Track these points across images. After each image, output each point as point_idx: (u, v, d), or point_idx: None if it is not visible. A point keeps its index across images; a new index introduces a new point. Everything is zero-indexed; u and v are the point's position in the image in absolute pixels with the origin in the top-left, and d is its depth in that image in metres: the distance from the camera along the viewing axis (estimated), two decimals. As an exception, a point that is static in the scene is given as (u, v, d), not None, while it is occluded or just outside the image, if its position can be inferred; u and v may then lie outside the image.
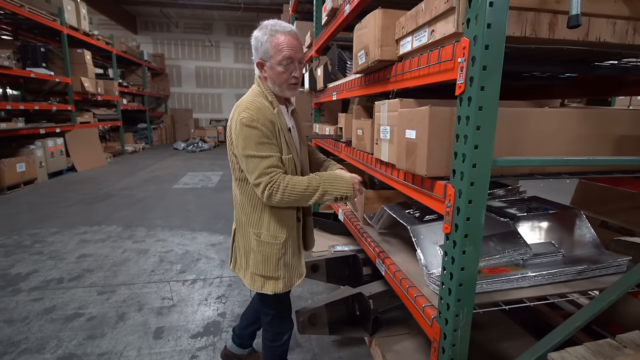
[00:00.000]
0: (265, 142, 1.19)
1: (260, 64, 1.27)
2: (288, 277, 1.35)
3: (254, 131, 1.18)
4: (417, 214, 1.51)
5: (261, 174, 1.18)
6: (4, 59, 5.61)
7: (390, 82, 1.39)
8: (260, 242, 1.30)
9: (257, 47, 1.25)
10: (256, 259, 1.31)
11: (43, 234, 3.76)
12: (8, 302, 2.46)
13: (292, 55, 1.22)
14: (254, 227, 1.31)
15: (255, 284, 1.34)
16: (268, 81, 1.28)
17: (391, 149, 1.32)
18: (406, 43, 1.24)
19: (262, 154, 1.18)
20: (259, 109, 1.21)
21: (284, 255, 1.32)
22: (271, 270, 1.31)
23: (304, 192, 1.20)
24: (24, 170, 5.90)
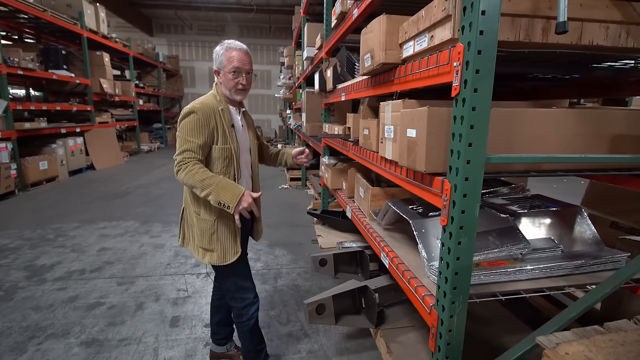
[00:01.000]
0: (195, 129, 1.44)
1: (216, 72, 1.56)
2: (222, 251, 1.55)
3: (191, 118, 1.44)
4: (419, 210, 1.58)
5: (179, 152, 1.44)
6: (28, 62, 5.87)
7: (394, 84, 1.47)
8: (198, 219, 1.54)
9: (216, 58, 1.54)
10: (196, 233, 1.55)
11: (65, 228, 3.95)
12: (35, 290, 2.62)
13: (239, 66, 1.51)
14: (195, 206, 1.55)
15: (198, 254, 1.58)
16: (222, 86, 1.56)
17: (394, 147, 1.40)
18: (408, 47, 1.31)
19: (188, 137, 1.44)
20: (202, 103, 1.48)
21: (215, 231, 1.53)
22: (206, 243, 1.54)
23: (199, 182, 1.41)
24: (47, 168, 6.16)
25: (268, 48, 14.51)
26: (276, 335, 2.13)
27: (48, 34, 8.13)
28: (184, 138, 1.44)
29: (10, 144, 5.39)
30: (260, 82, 14.88)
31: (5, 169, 5.19)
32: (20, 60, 5.68)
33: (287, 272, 2.95)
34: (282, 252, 3.36)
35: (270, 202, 5.22)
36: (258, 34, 14.38)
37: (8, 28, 7.49)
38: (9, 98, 5.53)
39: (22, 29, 7.63)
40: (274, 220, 4.33)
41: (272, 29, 14.04)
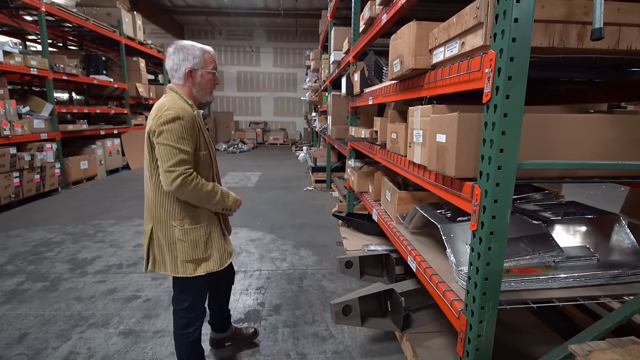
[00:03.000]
0: (185, 137, 1.37)
1: (192, 71, 1.48)
2: (219, 255, 1.52)
3: (177, 125, 1.35)
4: (448, 214, 1.58)
5: (176, 163, 1.34)
6: (72, 68, 6.28)
7: (423, 89, 1.48)
8: (185, 231, 1.44)
9: (188, 57, 1.46)
10: (184, 246, 1.45)
11: (104, 224, 4.19)
12: (77, 282, 2.81)
13: (216, 66, 1.54)
14: (175, 219, 1.45)
15: (187, 269, 1.47)
16: (193, 88, 1.50)
17: (423, 151, 1.41)
18: (439, 53, 1.32)
19: (181, 147, 1.35)
20: (182, 108, 1.40)
21: (209, 236, 1.49)
22: (201, 252, 1.47)
23: (207, 194, 1.42)
24: (87, 167, 6.55)
25: (294, 51, 14.73)
26: (302, 334, 2.17)
27: (89, 41, 8.65)
28: (174, 147, 1.34)
29: (55, 145, 5.78)
30: (286, 84, 15.11)
31: (50, 167, 5.57)
32: (65, 67, 6.09)
33: (313, 272, 3.00)
34: (308, 253, 3.42)
35: (295, 203, 5.30)
36: (285, 37, 14.63)
37: (54, 36, 8.04)
38: (54, 102, 5.93)
39: (67, 37, 8.17)
40: (300, 222, 4.39)
41: (298, 33, 14.23)
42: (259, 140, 14.34)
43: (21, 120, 5.21)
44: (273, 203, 5.30)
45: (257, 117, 15.32)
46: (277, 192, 6.06)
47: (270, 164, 9.38)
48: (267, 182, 6.86)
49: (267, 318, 2.34)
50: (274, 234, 3.96)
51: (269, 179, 7.12)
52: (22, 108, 5.41)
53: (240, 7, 12.10)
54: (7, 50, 4.88)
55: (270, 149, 13.10)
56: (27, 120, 5.31)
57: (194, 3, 12.03)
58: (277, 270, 3.05)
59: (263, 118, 15.34)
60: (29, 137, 5.29)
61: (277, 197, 5.67)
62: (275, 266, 3.11)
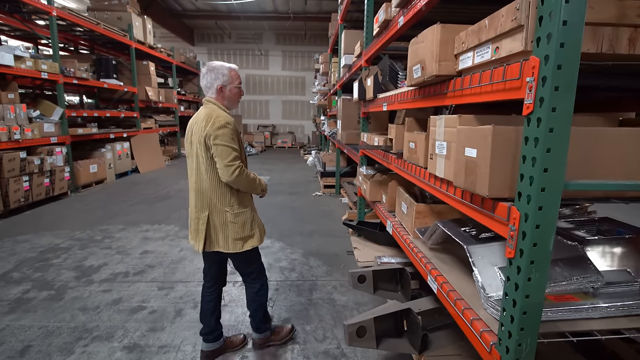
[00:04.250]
0: (234, 138, 1.74)
1: (222, 88, 1.82)
2: (260, 233, 1.93)
3: (228, 130, 1.71)
4: (472, 232, 1.46)
5: (233, 159, 1.71)
6: (83, 72, 6.30)
7: (447, 97, 1.37)
8: (235, 214, 1.82)
9: (219, 77, 1.80)
10: (235, 227, 1.82)
11: (111, 230, 4.15)
12: (83, 291, 2.75)
13: (241, 81, 1.89)
14: (227, 205, 1.81)
15: (236, 246, 1.83)
16: (224, 100, 1.85)
17: (448, 165, 1.30)
18: (466, 58, 1.21)
19: (233, 146, 1.72)
20: (226, 116, 1.76)
21: (252, 217, 1.90)
22: (247, 230, 1.85)
23: (253, 180, 1.84)
24: (96, 171, 6.56)
25: (303, 55, 14.69)
26: (312, 352, 2.07)
27: (100, 45, 8.71)
28: (229, 146, 1.70)
29: (65, 149, 5.79)
30: (294, 88, 15.08)
31: (60, 171, 5.57)
32: (76, 71, 6.11)
33: (323, 284, 2.89)
34: (317, 262, 3.31)
35: (304, 209, 5.20)
36: (293, 40, 14.60)
37: (66, 40, 8.11)
38: (65, 105, 5.95)
39: (78, 41, 8.23)
40: (309, 229, 4.29)
41: (307, 36, 14.20)
42: (267, 143, 14.31)
43: (31, 124, 5.22)
44: (282, 208, 5.21)
45: (265, 120, 15.31)
46: (286, 197, 5.97)
47: (278, 167, 9.32)
48: (276, 186, 6.78)
49: (276, 334, 2.24)
50: (283, 241, 3.86)
51: (277, 183, 7.05)
52: (33, 112, 5.43)
53: (249, 11, 12.11)
54: (18, 55, 4.89)
55: (279, 153, 13.05)
56: (38, 124, 5.32)
57: (204, 7, 12.08)
58: (286, 280, 2.95)
59: (271, 121, 15.32)
60: (39, 141, 5.30)
61: (286, 203, 5.58)
62: (284, 276, 3.02)
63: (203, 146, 1.72)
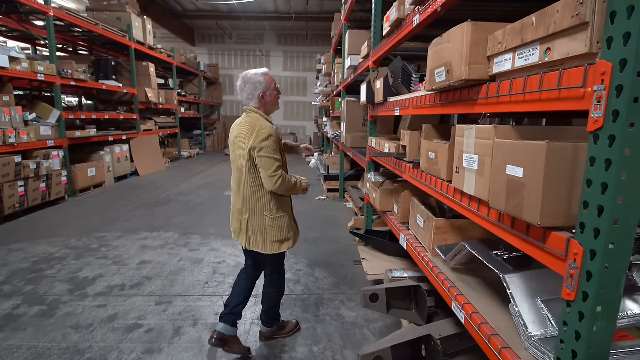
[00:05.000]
0: (277, 149, 1.81)
1: (264, 95, 1.89)
2: (294, 237, 2.02)
3: (271, 142, 1.78)
4: (505, 256, 1.31)
5: (276, 169, 1.78)
6: (81, 73, 6.16)
7: (477, 104, 1.22)
8: (273, 219, 1.89)
9: (258, 86, 1.86)
10: (273, 231, 1.89)
11: (109, 237, 4.00)
12: (76, 306, 2.60)
13: (276, 83, 1.96)
14: (266, 210, 1.89)
15: (273, 248, 1.92)
16: (266, 106, 1.93)
17: (480, 182, 1.15)
18: (504, 61, 1.06)
19: (276, 156, 1.80)
20: (270, 127, 1.84)
21: (289, 222, 1.96)
22: (284, 234, 1.93)
23: (294, 185, 1.88)
24: (95, 174, 6.42)
25: (305, 55, 14.54)
26: (321, 378, 1.92)
27: (99, 46, 8.58)
28: (272, 157, 1.78)
29: (62, 152, 5.65)
30: (296, 89, 14.92)
31: (56, 175, 5.43)
32: (74, 72, 5.97)
33: (330, 298, 2.74)
34: (323, 274, 3.16)
35: (307, 214, 5.05)
36: (295, 41, 14.45)
37: (64, 41, 7.97)
38: (62, 108, 5.81)
39: (77, 42, 8.09)
40: (313, 236, 4.14)
41: (309, 37, 14.04)
42: (269, 144, 14.15)
43: (27, 127, 5.08)
44: (284, 214, 5.05)
45: (266, 122, 15.12)
46: (289, 201, 5.81)
47: (280, 170, 9.16)
48: (278, 190, 6.62)
49: (282, 356, 2.09)
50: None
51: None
52: (29, 115, 5.28)
53: (251, 11, 11.96)
54: (13, 56, 4.75)
55: (280, 154, 12.89)
56: (34, 127, 5.18)
57: (205, 7, 11.94)
58: (291, 294, 2.79)
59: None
60: (35, 145, 5.16)
61: (289, 208, 5.42)
62: (289, 290, 2.86)
63: (247, 156, 1.80)
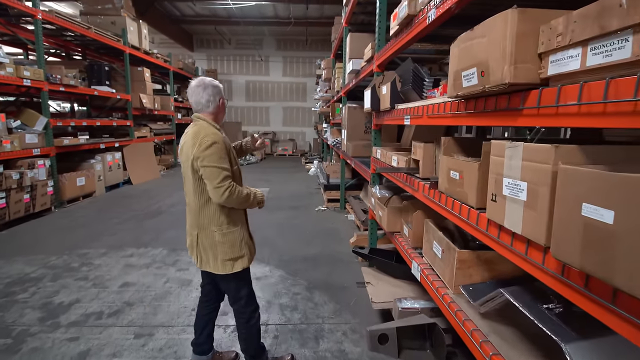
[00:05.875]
0: (223, 157, 1.65)
1: (222, 101, 1.80)
2: (250, 253, 1.83)
3: (215, 149, 1.62)
4: (557, 310, 1.02)
5: (222, 179, 1.62)
6: (70, 78, 5.91)
7: (521, 115, 0.94)
8: (224, 234, 1.73)
9: (219, 91, 1.78)
10: (223, 247, 1.73)
11: (92, 255, 3.71)
12: (45, 339, 2.30)
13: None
14: (216, 225, 1.72)
15: (225, 267, 1.74)
16: (220, 114, 1.81)
17: (531, 218, 0.87)
18: (566, 59, 0.78)
19: (222, 166, 1.64)
20: (215, 134, 1.68)
21: (243, 237, 1.79)
22: (236, 251, 1.76)
23: (246, 197, 1.73)
24: (84, 184, 6.13)
25: (304, 60, 14.35)
26: None
27: (93, 50, 8.35)
28: (217, 167, 1.61)
29: (49, 161, 5.37)
30: (295, 94, 14.72)
31: (42, 186, 5.14)
32: (63, 77, 5.71)
33: (330, 328, 2.44)
34: (323, 298, 2.86)
35: (306, 227, 4.76)
36: (294, 46, 14.28)
37: (56, 45, 7.75)
38: (50, 114, 5.55)
39: (70, 46, 7.86)
40: (312, 253, 3.85)
41: (308, 41, 13.86)
42: (268, 150, 13.91)
43: (11, 135, 4.81)
44: (282, 227, 4.77)
45: (265, 127, 14.92)
46: (287, 212, 5.53)
47: (279, 178, 8.89)
48: (276, 200, 6.35)
49: (275, 406, 1.79)
50: (283, 269, 3.42)
51: (277, 197, 6.61)
52: (13, 122, 5.02)
53: (250, 16, 11.79)
54: (-4, 61, 4.50)
55: (279, 161, 12.64)
56: (18, 135, 4.91)
57: (203, 12, 11.76)
58: (288, 323, 2.50)
59: (272, 128, 14.94)
60: (19, 154, 4.89)
61: (287, 219, 5.14)
62: (285, 318, 2.57)
63: (191, 168, 1.67)
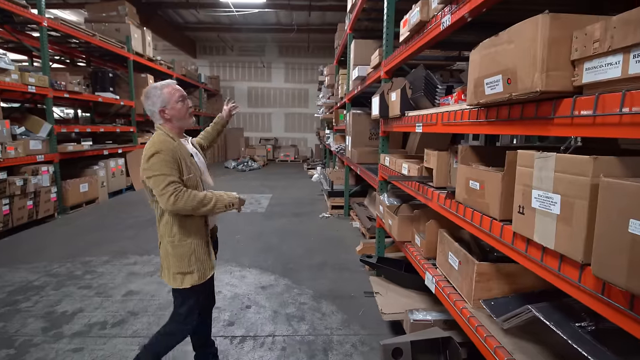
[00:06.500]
0: (168, 165, 1.56)
1: (163, 111, 1.66)
2: (202, 270, 1.70)
3: (157, 159, 1.55)
4: (590, 328, 0.98)
5: (167, 185, 1.53)
6: (75, 85, 5.92)
7: (552, 124, 0.91)
8: (175, 246, 1.66)
9: (156, 101, 1.65)
10: (173, 260, 1.66)
11: (95, 262, 3.66)
12: (49, 350, 2.25)
13: (183, 94, 1.73)
14: (169, 235, 1.66)
15: (176, 281, 1.68)
16: (172, 120, 1.69)
17: (565, 232, 0.83)
18: (604, 67, 0.75)
19: (166, 172, 1.55)
20: (162, 142, 1.60)
21: (194, 252, 1.68)
22: (185, 265, 1.66)
23: (202, 200, 1.58)
24: (87, 190, 6.11)
25: (306, 67, 14.41)
26: None
27: (98, 57, 8.38)
28: (159, 174, 1.54)
29: (52, 167, 5.35)
30: (297, 100, 14.75)
31: (45, 192, 5.12)
32: (67, 84, 5.72)
33: (339, 340, 2.38)
34: (331, 308, 2.81)
35: (311, 235, 4.71)
36: (296, 53, 14.34)
37: (61, 52, 7.78)
38: (54, 120, 5.54)
39: (74, 53, 7.90)
40: (318, 261, 3.80)
41: (310, 48, 13.93)
42: (269, 157, 13.89)
43: (15, 141, 4.79)
44: (286, 234, 4.72)
45: (267, 133, 14.94)
46: (290, 219, 5.48)
47: (281, 184, 8.85)
48: (279, 206, 6.31)
49: (285, 422, 1.74)
50: (289, 277, 3.37)
51: (280, 203, 6.57)
52: (17, 128, 5.01)
53: (252, 23, 11.86)
54: (2, 67, 4.50)
55: (281, 167, 12.62)
56: (22, 141, 4.90)
57: (206, 19, 11.84)
58: (295, 335, 2.44)
59: (274, 134, 14.95)
60: (23, 160, 4.87)
61: (290, 226, 5.09)
62: (292, 329, 2.51)
63: (143, 176, 1.64)
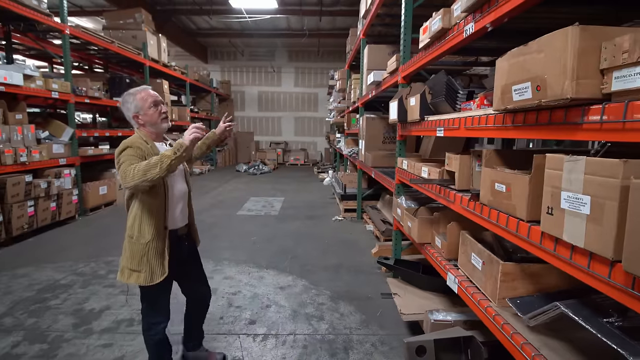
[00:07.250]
0: (135, 158, 1.60)
1: (136, 116, 1.72)
2: (150, 273, 1.70)
3: (128, 151, 1.62)
4: (618, 324, 1.02)
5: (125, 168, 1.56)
6: (95, 91, 6.10)
7: (581, 130, 0.96)
8: (131, 242, 1.71)
9: (129, 107, 1.72)
10: (126, 254, 1.72)
11: (116, 262, 3.77)
12: (80, 345, 2.35)
13: (155, 99, 1.74)
14: (129, 228, 1.73)
15: (123, 275, 1.73)
16: (146, 126, 1.74)
17: (595, 232, 0.88)
18: (635, 76, 0.81)
19: (131, 161, 1.58)
20: (132, 141, 1.66)
21: (146, 254, 1.69)
22: (135, 264, 1.69)
23: (145, 166, 1.52)
24: (106, 192, 6.27)
25: (316, 71, 14.54)
26: None
27: (115, 63, 8.61)
28: (124, 163, 1.58)
29: (74, 170, 5.51)
30: (307, 104, 14.87)
31: (67, 194, 5.28)
32: (88, 90, 5.91)
33: (359, 340, 2.43)
34: (349, 308, 2.86)
35: (325, 237, 4.77)
36: (306, 57, 14.49)
37: (80, 59, 8.02)
38: (75, 126, 5.72)
39: (92, 59, 8.14)
40: (333, 262, 3.85)
41: (320, 53, 14.07)
42: (280, 160, 14.01)
43: (39, 145, 4.96)
44: (300, 237, 4.79)
45: (277, 137, 15.08)
46: (304, 222, 5.55)
47: (292, 187, 8.94)
48: (292, 209, 6.38)
49: (312, 417, 1.79)
50: (306, 279, 3.43)
51: (293, 206, 6.65)
52: (42, 133, 5.18)
53: (263, 29, 12.04)
54: (27, 74, 4.68)
55: (292, 170, 12.72)
56: (46, 145, 5.07)
57: (218, 25, 12.06)
58: (315, 334, 2.50)
59: (284, 138, 15.08)
60: (46, 163, 5.03)
61: (304, 229, 5.16)
62: (312, 328, 2.57)
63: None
